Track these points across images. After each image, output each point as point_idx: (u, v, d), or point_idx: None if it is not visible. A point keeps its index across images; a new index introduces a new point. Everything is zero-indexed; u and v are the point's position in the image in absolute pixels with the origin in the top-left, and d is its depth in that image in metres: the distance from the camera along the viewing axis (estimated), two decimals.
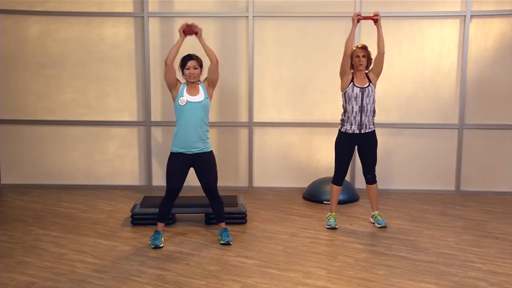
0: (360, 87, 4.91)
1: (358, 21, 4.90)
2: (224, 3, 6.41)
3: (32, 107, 6.54)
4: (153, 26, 6.41)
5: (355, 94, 4.90)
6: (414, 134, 6.43)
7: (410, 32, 6.29)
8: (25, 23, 6.42)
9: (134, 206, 5.13)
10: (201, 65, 4.54)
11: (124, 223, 5.18)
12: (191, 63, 4.47)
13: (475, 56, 6.26)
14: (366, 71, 5.01)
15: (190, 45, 4.70)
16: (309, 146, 6.52)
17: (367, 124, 4.96)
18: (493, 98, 6.32)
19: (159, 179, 6.60)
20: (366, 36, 6.28)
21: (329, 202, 5.20)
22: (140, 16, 6.37)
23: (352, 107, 4.92)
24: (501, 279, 3.91)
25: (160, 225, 4.64)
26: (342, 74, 4.96)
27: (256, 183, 6.58)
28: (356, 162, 6.37)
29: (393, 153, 6.43)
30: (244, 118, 6.51)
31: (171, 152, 4.56)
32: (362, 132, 4.95)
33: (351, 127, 4.96)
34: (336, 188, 5.11)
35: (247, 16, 6.32)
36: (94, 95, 6.52)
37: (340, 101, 6.45)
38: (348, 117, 4.96)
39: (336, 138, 5.07)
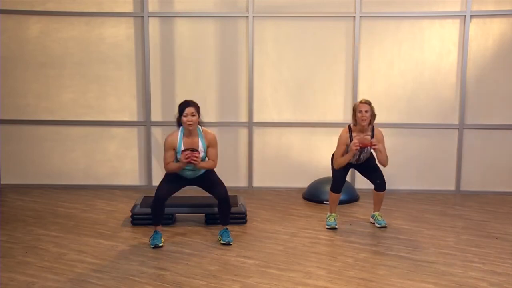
0: (359, 148, 4.79)
1: (356, 150, 4.78)
2: (224, 3, 6.41)
3: (32, 107, 6.54)
4: (153, 26, 6.41)
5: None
6: (414, 134, 6.43)
7: (410, 32, 6.29)
8: (25, 23, 6.42)
9: (134, 206, 5.13)
10: (198, 112, 4.46)
11: (124, 223, 5.18)
12: (188, 110, 4.40)
13: (475, 56, 6.26)
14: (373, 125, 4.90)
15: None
16: (309, 146, 6.52)
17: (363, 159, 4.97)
18: (493, 98, 6.32)
19: (159, 179, 6.55)
20: (366, 36, 6.30)
21: (329, 202, 5.20)
22: (140, 16, 6.37)
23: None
24: (501, 279, 3.91)
25: (158, 226, 4.64)
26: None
27: (256, 183, 6.58)
28: None
29: (393, 153, 6.38)
30: (244, 118, 6.51)
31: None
32: (358, 163, 5.00)
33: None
34: (335, 195, 5.09)
35: (247, 16, 6.31)
36: (94, 95, 6.52)
37: (340, 101, 6.50)
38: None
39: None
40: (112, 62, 6.47)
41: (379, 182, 5.01)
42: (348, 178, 6.30)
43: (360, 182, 6.40)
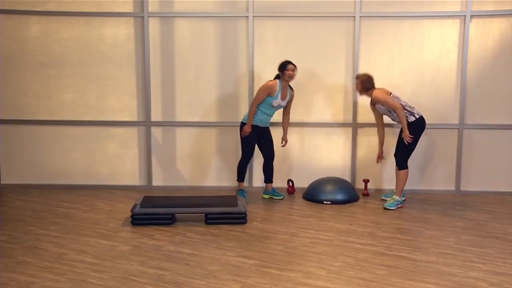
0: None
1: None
2: (224, 3, 6.41)
3: (32, 107, 6.54)
4: (153, 26, 6.41)
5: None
6: None
7: (410, 32, 6.29)
8: (25, 23, 6.42)
9: (134, 206, 5.13)
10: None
11: (124, 223, 5.18)
12: (290, 67, 5.71)
13: (475, 56, 6.26)
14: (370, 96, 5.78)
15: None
16: (309, 146, 6.52)
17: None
18: (493, 98, 6.32)
19: (159, 179, 6.61)
20: (366, 36, 6.30)
21: (329, 202, 5.20)
22: (140, 16, 6.37)
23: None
24: (501, 279, 3.91)
25: (242, 185, 6.05)
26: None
27: (256, 183, 6.58)
28: (357, 161, 6.38)
29: (393, 153, 6.41)
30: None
31: (248, 124, 5.73)
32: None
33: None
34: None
35: (247, 16, 6.32)
36: (94, 95, 6.52)
37: (340, 101, 6.52)
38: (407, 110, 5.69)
39: (415, 126, 5.64)
40: (112, 62, 6.47)
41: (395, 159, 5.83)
42: (347, 178, 6.33)
43: (360, 182, 6.40)
